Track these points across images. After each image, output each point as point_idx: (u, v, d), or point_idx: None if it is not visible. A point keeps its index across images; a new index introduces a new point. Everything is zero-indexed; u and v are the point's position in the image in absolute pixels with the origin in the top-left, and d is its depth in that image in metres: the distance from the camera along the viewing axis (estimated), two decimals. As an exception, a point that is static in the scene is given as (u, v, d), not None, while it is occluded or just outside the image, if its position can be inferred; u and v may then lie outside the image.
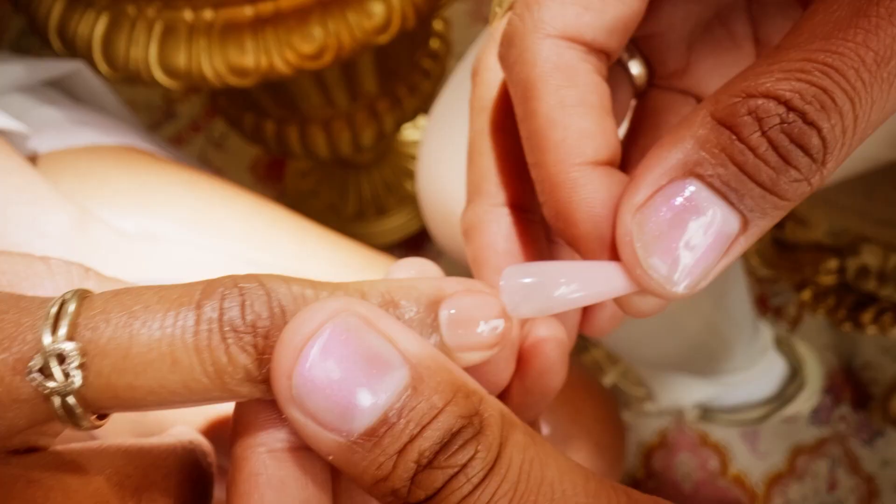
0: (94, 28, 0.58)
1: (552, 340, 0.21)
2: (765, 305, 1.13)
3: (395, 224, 1.17)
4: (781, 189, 0.17)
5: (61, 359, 0.15)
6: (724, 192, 0.17)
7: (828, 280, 0.78)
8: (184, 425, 0.25)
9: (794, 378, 1.01)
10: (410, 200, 1.16)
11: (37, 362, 0.16)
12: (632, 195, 0.18)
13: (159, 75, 0.58)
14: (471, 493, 0.15)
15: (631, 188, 0.18)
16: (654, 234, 0.18)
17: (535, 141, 0.21)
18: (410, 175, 1.16)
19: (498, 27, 0.24)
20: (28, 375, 0.16)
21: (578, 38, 0.20)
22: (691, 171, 0.17)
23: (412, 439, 0.15)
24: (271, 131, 0.82)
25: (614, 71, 0.25)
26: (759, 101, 0.16)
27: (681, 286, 0.18)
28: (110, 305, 0.16)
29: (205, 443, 0.22)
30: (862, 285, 0.75)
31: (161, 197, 0.44)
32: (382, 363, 0.15)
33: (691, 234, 0.17)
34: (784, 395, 1.00)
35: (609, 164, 0.20)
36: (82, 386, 0.16)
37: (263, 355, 0.16)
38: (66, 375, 0.15)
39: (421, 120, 1.11)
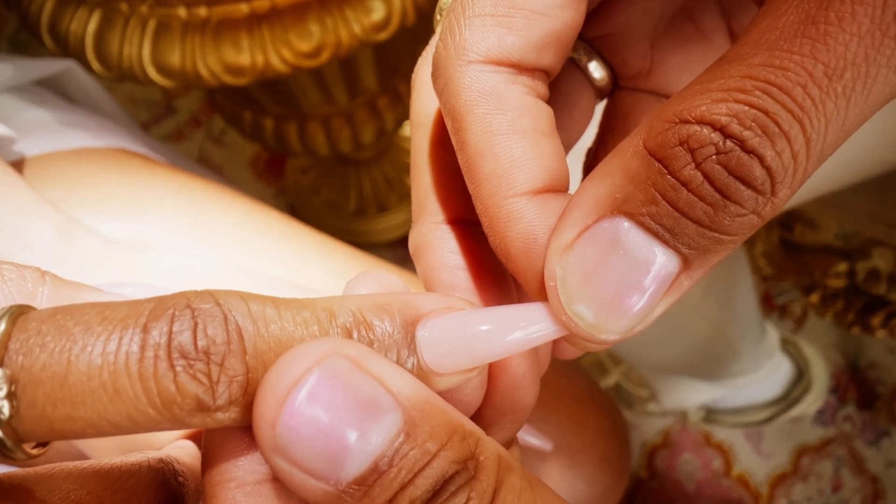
0: (87, 26, 0.56)
1: (518, 355, 0.20)
2: (770, 304, 1.12)
3: (397, 221, 1.16)
4: (722, 226, 0.15)
5: None
6: (656, 232, 0.16)
7: (837, 283, 0.77)
8: (183, 440, 0.24)
9: (800, 380, 1.00)
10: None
11: None
12: (559, 234, 0.17)
13: (153, 74, 0.57)
14: None
15: (558, 226, 0.17)
16: (578, 278, 0.16)
17: (469, 173, 0.19)
18: (412, 171, 1.15)
19: (438, 35, 0.23)
20: None
21: (504, 60, 0.19)
22: (620, 209, 0.16)
23: (403, 487, 0.14)
24: (270, 129, 0.81)
25: (574, 74, 0.24)
26: (693, 128, 0.15)
27: (610, 334, 0.17)
28: (46, 327, 0.15)
29: (180, 458, 0.21)
30: (872, 288, 0.74)
31: (152, 203, 0.42)
32: (373, 407, 0.14)
33: (620, 278, 0.16)
34: (790, 397, 0.99)
35: (549, 190, 0.19)
36: (12, 417, 0.14)
37: (217, 384, 0.15)
38: None
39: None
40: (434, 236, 0.22)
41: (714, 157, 0.15)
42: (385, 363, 0.15)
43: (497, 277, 0.22)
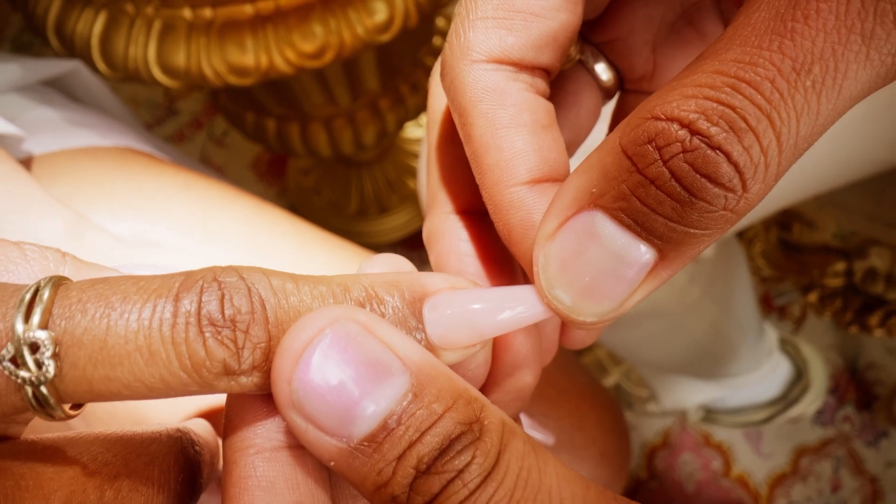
0: (93, 26, 0.57)
1: (520, 334, 0.21)
2: (769, 305, 1.12)
3: (398, 222, 1.16)
4: (692, 221, 0.16)
5: (34, 348, 0.15)
6: (628, 225, 0.16)
7: (835, 282, 0.78)
8: (199, 417, 0.25)
9: (799, 380, 1.00)
10: (413, 198, 1.15)
11: (8, 351, 0.15)
12: (544, 224, 0.18)
13: (158, 74, 0.57)
14: (467, 498, 0.15)
15: (545, 216, 0.18)
16: (558, 265, 0.17)
17: (475, 164, 0.21)
18: (413, 172, 1.15)
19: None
20: None
21: (505, 59, 0.20)
22: (595, 203, 0.17)
23: (411, 445, 0.15)
24: (272, 129, 0.82)
25: (582, 76, 0.25)
26: (661, 125, 0.15)
27: (588, 317, 0.18)
28: (87, 295, 0.16)
29: (195, 430, 0.21)
30: (870, 288, 0.75)
31: (158, 201, 0.43)
32: (383, 369, 0.15)
33: (596, 267, 0.17)
34: (788, 397, 0.99)
35: (548, 179, 0.20)
36: (56, 377, 0.15)
37: (242, 349, 0.16)
38: (39, 365, 0.15)
39: (423, 118, 1.11)
40: (445, 226, 0.24)
41: (681, 154, 0.15)
42: (393, 330, 0.16)
43: (504, 263, 0.24)
